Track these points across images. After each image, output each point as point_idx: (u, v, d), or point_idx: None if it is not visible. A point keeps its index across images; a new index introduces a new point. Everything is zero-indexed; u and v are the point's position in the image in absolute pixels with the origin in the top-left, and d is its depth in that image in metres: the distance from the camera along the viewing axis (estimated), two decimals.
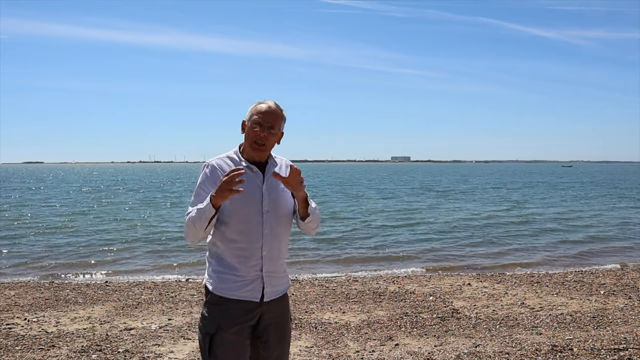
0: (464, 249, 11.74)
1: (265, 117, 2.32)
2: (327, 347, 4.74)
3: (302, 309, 6.14)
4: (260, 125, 2.31)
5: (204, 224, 2.20)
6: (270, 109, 2.34)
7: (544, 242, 12.79)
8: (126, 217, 18.69)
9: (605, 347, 4.61)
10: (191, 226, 2.23)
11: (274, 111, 2.34)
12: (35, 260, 10.48)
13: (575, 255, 11.15)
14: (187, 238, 2.31)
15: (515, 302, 6.45)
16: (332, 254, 11.19)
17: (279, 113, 2.36)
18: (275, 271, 2.37)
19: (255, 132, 2.32)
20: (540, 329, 5.29)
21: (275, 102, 2.39)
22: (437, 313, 5.93)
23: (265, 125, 2.32)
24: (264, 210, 2.31)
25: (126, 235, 13.91)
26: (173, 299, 6.72)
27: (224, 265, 2.32)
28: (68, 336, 5.04)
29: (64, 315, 5.88)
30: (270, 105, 2.35)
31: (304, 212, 2.35)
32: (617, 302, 6.39)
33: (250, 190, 2.30)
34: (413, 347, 4.73)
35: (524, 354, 4.47)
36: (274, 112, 2.34)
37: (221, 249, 2.32)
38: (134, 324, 5.51)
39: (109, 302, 6.53)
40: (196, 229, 2.22)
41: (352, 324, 5.53)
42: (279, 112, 2.36)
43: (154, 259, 10.65)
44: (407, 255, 11.06)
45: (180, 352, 4.62)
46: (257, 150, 2.34)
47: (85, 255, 11.07)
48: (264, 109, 2.33)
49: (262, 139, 2.31)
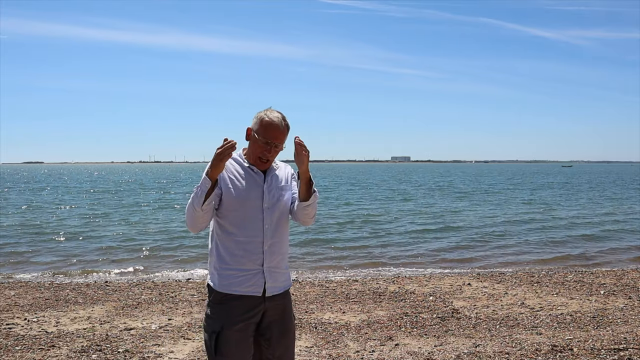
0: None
1: (274, 137, 2.38)
2: (327, 347, 4.74)
3: (302, 309, 6.14)
4: (267, 144, 2.38)
5: (201, 200, 2.25)
6: (279, 128, 2.38)
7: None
8: (127, 218, 18.70)
9: (605, 347, 4.61)
10: (190, 208, 2.29)
11: (282, 130, 2.40)
12: (36, 259, 10.49)
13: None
14: (188, 224, 2.37)
15: (515, 302, 6.45)
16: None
17: (285, 130, 2.41)
18: (276, 266, 2.43)
19: (261, 149, 2.39)
20: (540, 329, 5.29)
21: (281, 114, 2.42)
22: (437, 313, 5.93)
23: (272, 145, 2.39)
24: (264, 206, 2.39)
25: (126, 235, 13.92)
26: (173, 299, 6.72)
27: (225, 261, 2.38)
28: (68, 336, 5.04)
29: (64, 315, 5.88)
30: (278, 124, 2.38)
31: (305, 193, 2.42)
32: (617, 302, 6.39)
33: (251, 188, 2.40)
34: (413, 347, 4.73)
35: (524, 354, 4.47)
36: (282, 132, 2.40)
37: (223, 244, 2.38)
38: (134, 324, 5.51)
39: (109, 302, 6.53)
40: (195, 209, 2.27)
41: (352, 324, 5.53)
42: (285, 130, 2.41)
43: (154, 259, 10.66)
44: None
45: (180, 352, 4.62)
46: (261, 165, 2.44)
47: (86, 255, 11.07)
48: (273, 129, 2.38)
49: (267, 157, 2.41)
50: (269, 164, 2.45)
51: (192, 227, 2.35)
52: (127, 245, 12.39)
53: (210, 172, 2.25)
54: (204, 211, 2.28)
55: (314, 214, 2.47)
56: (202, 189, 2.26)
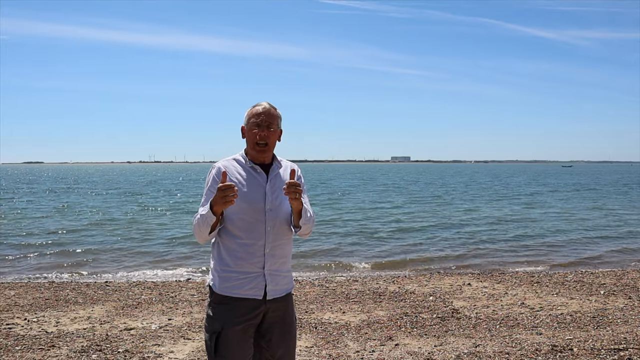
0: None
1: (262, 117, 2.39)
2: (327, 347, 4.74)
3: (302, 309, 6.14)
4: (258, 126, 2.39)
5: (207, 229, 2.28)
6: (265, 109, 2.41)
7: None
8: (128, 218, 18.69)
9: (605, 347, 4.61)
10: (197, 229, 2.32)
11: (269, 110, 2.41)
12: (37, 260, 10.49)
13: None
14: (195, 238, 2.39)
15: (515, 302, 6.45)
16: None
17: (274, 112, 2.43)
18: (278, 269, 2.41)
19: (254, 134, 2.39)
20: (540, 329, 5.28)
21: (268, 102, 2.46)
22: (437, 313, 5.93)
23: (263, 125, 2.39)
24: (267, 208, 2.37)
25: (127, 235, 13.92)
26: (173, 299, 6.71)
27: (227, 263, 2.37)
28: (68, 336, 5.04)
29: (64, 315, 5.88)
30: (265, 105, 2.43)
31: (296, 222, 2.41)
32: (617, 302, 6.39)
33: (254, 190, 2.38)
34: (413, 347, 4.72)
35: (524, 354, 4.47)
36: (269, 112, 2.41)
37: (225, 246, 2.37)
38: (134, 324, 5.51)
39: (109, 302, 6.53)
40: (201, 232, 2.31)
41: (352, 324, 5.53)
42: (273, 111, 2.43)
43: (155, 259, 10.65)
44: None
45: (180, 352, 4.61)
46: (260, 152, 2.41)
47: (86, 255, 11.07)
48: (259, 110, 2.41)
49: (262, 138, 2.39)
50: (269, 150, 2.42)
51: (200, 241, 2.40)
52: (128, 245, 12.39)
53: (215, 209, 2.23)
54: (211, 236, 2.34)
55: (308, 233, 2.45)
56: (207, 222, 2.26)
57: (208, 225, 2.26)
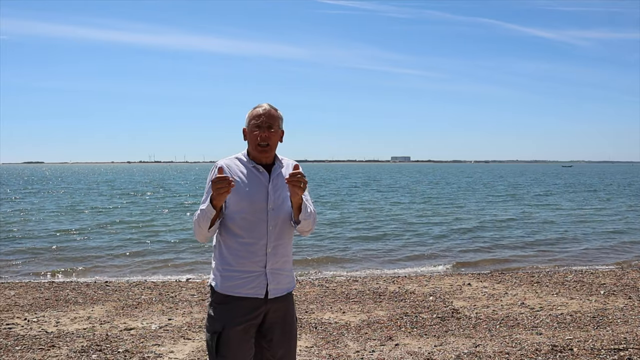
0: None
1: (262, 118, 2.40)
2: (327, 347, 4.74)
3: (302, 309, 6.14)
4: (259, 127, 2.39)
5: (207, 224, 2.30)
6: (266, 110, 2.42)
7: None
8: (129, 218, 18.70)
9: (605, 347, 4.61)
10: (196, 226, 2.33)
11: (270, 111, 2.42)
12: (37, 260, 10.49)
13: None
14: (195, 236, 2.40)
15: (515, 302, 6.45)
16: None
17: (274, 113, 2.43)
18: (279, 268, 2.42)
19: (255, 135, 2.40)
20: (540, 329, 5.28)
21: (269, 103, 2.47)
22: (437, 313, 5.93)
23: (264, 126, 2.39)
24: (269, 208, 2.38)
25: (127, 235, 13.92)
26: (173, 299, 6.72)
27: (228, 262, 2.37)
28: (68, 336, 5.04)
29: (64, 315, 5.88)
30: (265, 107, 2.44)
31: (296, 217, 2.41)
32: (617, 302, 6.39)
33: (256, 189, 2.38)
34: (413, 347, 4.73)
35: (524, 354, 4.47)
36: (270, 113, 2.42)
37: (226, 245, 2.38)
38: (134, 324, 5.51)
39: (109, 302, 6.53)
40: (201, 228, 2.32)
41: (352, 324, 5.53)
42: (274, 112, 2.43)
43: (155, 259, 10.65)
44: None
45: (180, 352, 4.62)
46: (262, 152, 2.42)
47: (86, 255, 11.07)
48: (260, 111, 2.42)
49: (264, 139, 2.39)
50: (270, 150, 2.43)
51: (200, 239, 2.40)
52: (128, 245, 12.39)
53: (214, 201, 2.25)
54: (210, 232, 2.34)
55: (309, 230, 2.45)
56: (207, 216, 2.27)
57: (208, 220, 2.27)
